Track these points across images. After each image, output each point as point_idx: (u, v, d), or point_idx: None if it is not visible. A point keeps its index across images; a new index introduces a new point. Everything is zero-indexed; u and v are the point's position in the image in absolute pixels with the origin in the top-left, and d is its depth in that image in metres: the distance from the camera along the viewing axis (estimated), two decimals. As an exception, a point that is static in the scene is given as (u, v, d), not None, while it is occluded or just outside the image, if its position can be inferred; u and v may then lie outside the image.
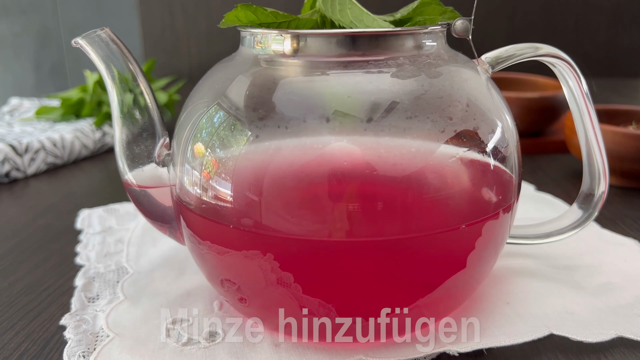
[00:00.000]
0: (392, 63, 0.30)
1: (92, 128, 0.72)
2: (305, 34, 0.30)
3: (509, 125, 0.32)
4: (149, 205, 0.35)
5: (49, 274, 0.41)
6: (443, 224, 0.29)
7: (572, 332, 0.33)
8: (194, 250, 0.33)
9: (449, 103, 0.30)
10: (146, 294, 0.38)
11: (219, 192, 0.29)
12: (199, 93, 0.33)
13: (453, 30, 0.32)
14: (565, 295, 0.37)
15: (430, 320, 0.32)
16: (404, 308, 0.30)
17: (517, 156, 0.33)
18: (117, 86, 0.33)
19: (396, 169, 0.28)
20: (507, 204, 0.32)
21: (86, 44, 0.33)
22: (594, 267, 0.40)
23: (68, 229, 0.49)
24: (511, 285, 0.38)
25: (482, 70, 0.33)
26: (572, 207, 0.37)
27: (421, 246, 0.29)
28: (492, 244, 0.32)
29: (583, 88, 0.35)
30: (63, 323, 0.35)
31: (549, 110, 0.68)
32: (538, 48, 0.34)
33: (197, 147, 0.31)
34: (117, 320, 0.35)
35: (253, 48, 0.32)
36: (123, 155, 0.34)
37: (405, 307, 0.30)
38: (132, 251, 0.44)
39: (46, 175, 0.65)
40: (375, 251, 0.28)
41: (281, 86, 0.30)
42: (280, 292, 0.29)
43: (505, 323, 0.34)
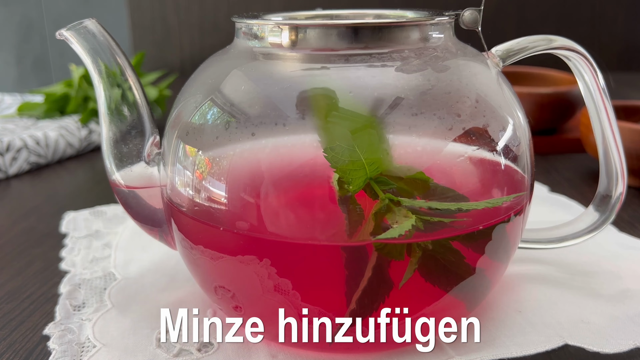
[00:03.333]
0: (396, 56, 0.30)
1: (77, 125, 0.72)
2: (304, 25, 0.30)
3: (521, 123, 0.32)
4: (138, 208, 0.35)
5: (31, 281, 0.41)
6: (452, 228, 0.29)
7: (588, 343, 0.33)
8: (186, 255, 0.33)
9: (457, 99, 0.30)
10: (135, 301, 0.38)
11: (213, 193, 0.29)
12: (191, 88, 0.33)
13: (461, 21, 0.32)
14: (580, 303, 0.37)
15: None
16: (409, 317, 0.30)
17: (529, 155, 0.33)
18: (105, 81, 0.33)
19: (400, 169, 0.28)
20: (519, 206, 0.32)
21: (71, 36, 0.33)
22: (611, 273, 0.40)
23: (52, 232, 0.49)
24: (523, 292, 0.38)
25: (492, 64, 0.33)
26: (588, 210, 0.37)
27: (427, 251, 0.29)
28: (503, 249, 0.32)
29: (599, 83, 0.35)
30: (47, 333, 0.35)
31: (563, 106, 0.68)
32: (552, 40, 0.34)
33: (189, 146, 0.31)
34: (105, 329, 0.35)
35: (249, 40, 0.32)
36: (110, 154, 0.34)
37: (410, 316, 0.30)
38: (120, 256, 0.44)
39: (29, 176, 0.65)
40: (379, 256, 0.28)
41: (279, 81, 0.30)
42: (277, 299, 0.29)
43: (516, 333, 0.34)
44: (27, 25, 1.34)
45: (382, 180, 0.28)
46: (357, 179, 0.27)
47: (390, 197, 0.28)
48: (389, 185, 0.28)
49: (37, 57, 1.36)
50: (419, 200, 0.28)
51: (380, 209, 0.28)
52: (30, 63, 1.36)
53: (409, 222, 0.27)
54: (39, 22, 1.34)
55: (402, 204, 0.28)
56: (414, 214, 0.27)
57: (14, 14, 1.33)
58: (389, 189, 0.28)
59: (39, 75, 1.36)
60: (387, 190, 0.28)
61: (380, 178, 0.28)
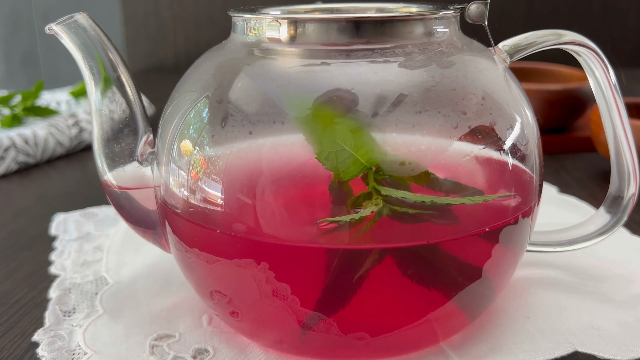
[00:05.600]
0: (399, 52, 0.30)
1: (67, 124, 0.72)
2: (303, 19, 0.30)
3: (529, 121, 0.32)
4: (130, 209, 0.35)
5: (20, 285, 0.41)
6: (456, 230, 0.29)
7: (599, 350, 0.33)
8: (180, 258, 0.33)
9: (462, 96, 0.30)
10: (128, 307, 0.38)
11: (208, 194, 0.29)
12: (186, 85, 0.33)
13: (467, 15, 0.32)
14: (591, 308, 0.37)
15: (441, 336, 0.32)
16: (414, 323, 0.30)
17: (538, 155, 0.33)
18: (96, 77, 0.33)
19: (404, 169, 0.28)
20: (527, 207, 0.32)
21: (61, 31, 0.33)
22: (623, 277, 0.40)
23: (41, 235, 0.49)
24: (531, 297, 0.38)
25: (499, 60, 0.33)
26: (598, 211, 0.37)
27: (432, 255, 0.29)
28: (511, 252, 0.32)
29: (611, 79, 0.35)
30: (36, 339, 0.35)
31: (573, 103, 0.69)
32: (561, 35, 0.34)
33: (184, 145, 0.31)
34: (96, 336, 0.35)
35: (246, 35, 0.32)
36: (102, 154, 0.34)
37: (415, 321, 0.30)
38: (112, 260, 0.44)
39: (17, 176, 0.65)
40: (381, 260, 0.28)
41: (277, 77, 0.30)
42: (275, 304, 0.29)
43: (524, 339, 0.34)
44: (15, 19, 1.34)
45: (380, 172, 0.28)
46: (352, 169, 0.28)
47: (375, 185, 0.28)
48: (384, 176, 0.28)
49: (26, 52, 1.36)
50: (397, 190, 0.28)
51: (357, 197, 0.28)
52: (18, 58, 1.36)
53: (370, 209, 0.27)
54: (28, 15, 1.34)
55: (382, 192, 0.28)
56: (392, 204, 0.27)
57: (2, 7, 1.33)
58: (384, 180, 0.28)
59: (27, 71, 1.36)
60: (380, 181, 0.28)
61: (379, 169, 0.28)
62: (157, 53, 1.31)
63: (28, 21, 1.35)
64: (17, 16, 1.34)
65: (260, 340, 0.33)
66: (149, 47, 1.31)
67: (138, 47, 1.30)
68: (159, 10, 1.30)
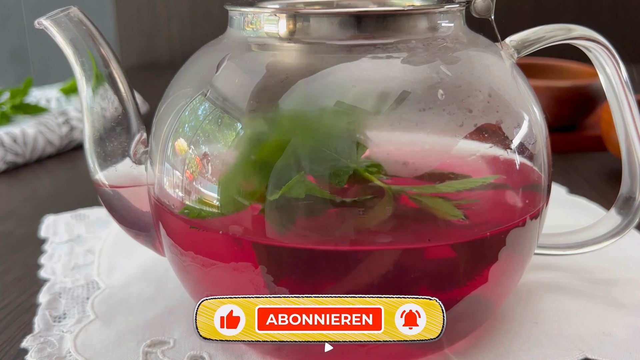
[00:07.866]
0: (403, 47, 0.30)
1: (57, 122, 0.72)
2: (303, 13, 0.30)
3: (537, 119, 0.32)
4: (123, 210, 0.35)
5: (8, 289, 0.41)
6: (462, 233, 0.29)
7: (610, 356, 0.33)
8: (175, 262, 0.33)
9: (468, 93, 0.30)
10: (120, 312, 0.38)
11: (204, 194, 0.29)
12: (181, 81, 0.33)
13: (473, 9, 0.33)
14: (601, 313, 0.37)
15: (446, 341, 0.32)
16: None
17: (546, 154, 0.33)
18: (87, 74, 0.33)
19: (407, 169, 0.28)
20: (535, 209, 0.32)
21: (51, 25, 0.33)
22: (635, 281, 0.40)
23: (31, 237, 0.49)
24: (540, 302, 0.38)
25: (506, 55, 0.33)
26: (609, 213, 0.37)
27: (437, 257, 0.29)
28: (518, 255, 0.32)
29: (622, 76, 0.35)
30: (25, 346, 0.35)
31: (583, 101, 0.69)
32: (571, 30, 0.34)
33: (178, 144, 0.31)
34: (87, 342, 0.35)
35: (243, 30, 0.32)
36: (94, 153, 0.34)
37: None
38: (104, 263, 0.44)
39: (5, 176, 0.65)
40: (385, 263, 0.28)
41: (275, 73, 0.30)
42: (274, 310, 0.29)
43: (532, 345, 0.34)
44: (3, 13, 1.34)
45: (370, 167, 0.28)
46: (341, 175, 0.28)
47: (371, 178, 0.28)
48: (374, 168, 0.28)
49: (15, 47, 1.36)
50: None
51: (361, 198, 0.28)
52: (7, 54, 1.36)
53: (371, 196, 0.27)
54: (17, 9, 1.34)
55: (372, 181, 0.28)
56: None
57: (-11, 1, 1.33)
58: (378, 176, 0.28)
59: (16, 67, 1.36)
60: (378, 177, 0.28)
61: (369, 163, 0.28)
62: (151, 49, 1.31)
63: (17, 15, 1.35)
64: (5, 10, 1.34)
65: (257, 346, 0.33)
66: (142, 43, 1.31)
67: (131, 43, 1.30)
68: (153, 4, 1.30)
